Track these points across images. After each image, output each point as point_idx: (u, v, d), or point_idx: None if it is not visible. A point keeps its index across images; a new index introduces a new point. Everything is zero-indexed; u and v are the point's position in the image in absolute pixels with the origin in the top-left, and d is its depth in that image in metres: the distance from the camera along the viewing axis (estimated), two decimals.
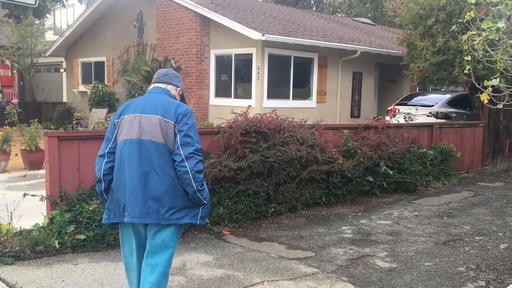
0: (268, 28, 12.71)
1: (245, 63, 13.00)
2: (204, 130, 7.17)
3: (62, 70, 20.26)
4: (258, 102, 12.36)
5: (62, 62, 19.99)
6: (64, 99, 20.25)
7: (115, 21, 16.16)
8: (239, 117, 7.09)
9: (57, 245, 5.17)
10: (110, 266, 4.95)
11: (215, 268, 5.01)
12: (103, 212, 3.54)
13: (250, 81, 12.67)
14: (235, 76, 13.18)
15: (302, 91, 13.93)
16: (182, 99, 3.52)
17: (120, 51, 16.00)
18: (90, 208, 5.38)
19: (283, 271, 4.99)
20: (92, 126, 13.87)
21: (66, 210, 5.38)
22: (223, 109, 11.96)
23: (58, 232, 5.23)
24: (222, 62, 13.52)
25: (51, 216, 5.30)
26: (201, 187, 3.21)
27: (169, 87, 3.46)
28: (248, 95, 12.70)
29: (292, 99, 13.39)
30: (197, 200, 3.24)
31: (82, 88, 17.60)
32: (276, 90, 12.90)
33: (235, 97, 13.11)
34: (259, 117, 7.14)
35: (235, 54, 13.01)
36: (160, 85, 3.45)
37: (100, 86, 15.66)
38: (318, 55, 13.75)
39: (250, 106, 7.73)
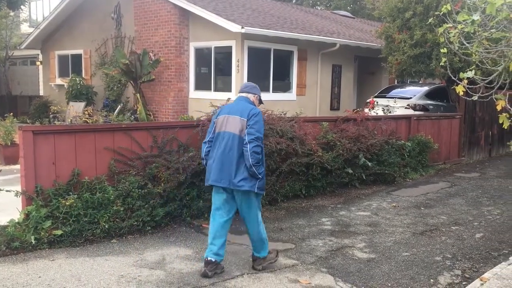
0: (247, 21, 12.66)
1: (224, 56, 12.93)
2: (183, 124, 7.12)
3: (38, 63, 19.84)
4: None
5: (38, 54, 19.58)
6: (41, 93, 19.87)
7: (92, 13, 15.88)
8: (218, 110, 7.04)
9: (33, 241, 5.09)
10: (88, 261, 4.89)
11: (195, 262, 5.00)
12: (80, 207, 4.94)
13: (230, 74, 12.61)
14: (214, 69, 13.10)
15: (282, 83, 13.94)
16: (259, 102, 4.94)
17: (98, 44, 15.75)
18: (67, 203, 5.30)
19: None
20: (69, 120, 13.65)
21: (42, 206, 5.29)
22: (203, 102, 11.88)
23: (34, 227, 5.15)
24: (202, 55, 13.42)
25: (26, 212, 5.21)
26: (255, 163, 4.38)
27: (249, 95, 4.84)
28: (228, 88, 12.65)
29: (272, 92, 13.37)
30: (253, 173, 4.41)
31: (59, 81, 17.29)
32: (256, 82, 12.51)
33: (215, 90, 13.04)
34: None
35: (214, 47, 12.93)
36: (243, 94, 4.85)
37: (77, 79, 15.39)
38: (298, 48, 13.76)
39: (229, 99, 7.70)
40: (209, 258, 4.56)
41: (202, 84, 13.39)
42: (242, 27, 11.49)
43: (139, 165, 6.22)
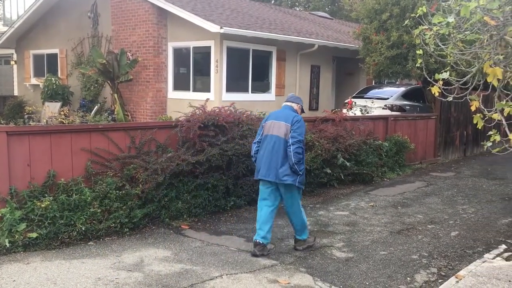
0: (226, 21, 12.63)
1: (203, 56, 12.88)
2: (161, 124, 7.07)
3: (12, 62, 19.41)
4: (217, 95, 12.29)
5: (12, 54, 19.16)
6: (15, 93, 19.43)
7: (68, 12, 15.62)
8: (197, 110, 7.03)
9: (7, 244, 4.98)
10: (64, 264, 4.81)
11: (174, 263, 4.96)
12: (56, 209, 5.19)
13: (208, 74, 12.57)
14: (193, 69, 13.04)
15: (261, 84, 13.95)
16: (302, 111, 5.73)
17: (74, 43, 15.51)
18: (42, 205, 5.21)
19: (242, 264, 5.01)
20: (45, 121, 13.40)
21: (17, 208, 5.19)
22: (182, 102, 11.81)
23: (8, 230, 5.04)
24: (180, 55, 13.34)
25: (0, 214, 5.09)
26: (296, 161, 5.14)
27: (293, 104, 5.64)
28: (207, 88, 12.60)
29: (251, 92, 13.38)
30: (295, 170, 5.16)
31: (34, 81, 16.96)
32: (235, 83, 12.86)
33: (194, 90, 12.98)
34: (217, 110, 7.11)
35: (193, 47, 12.86)
36: (288, 103, 5.65)
37: (53, 79, 15.12)
38: (277, 49, 13.79)
39: (208, 99, 7.66)
40: (258, 240, 5.29)
41: (180, 84, 13.32)
42: (221, 27, 11.47)
43: (117, 166, 6.15)
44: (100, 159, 6.05)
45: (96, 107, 13.99)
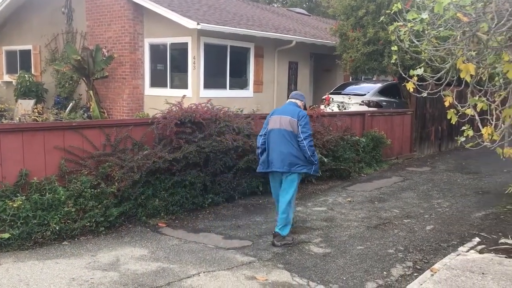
0: (203, 17, 12.55)
1: (180, 52, 12.77)
2: (137, 121, 6.98)
3: None
4: (194, 92, 12.20)
5: None
6: None
7: (41, 7, 15.29)
8: (173, 107, 6.96)
9: None
10: (38, 265, 4.71)
11: (150, 262, 4.91)
12: (28, 209, 5.12)
13: (186, 71, 12.47)
14: (170, 65, 12.92)
15: (239, 80, 13.92)
16: (304, 107, 6.04)
17: (48, 39, 15.19)
18: (15, 205, 5.09)
19: (220, 261, 4.98)
20: (17, 118, 13.09)
21: None
22: (159, 99, 11.65)
23: None
24: (157, 51, 13.20)
25: None
26: (312, 154, 5.58)
27: (297, 101, 5.95)
28: (184, 85, 12.50)
29: (229, 89, 13.34)
30: (310, 161, 5.62)
31: (6, 78, 16.57)
32: (213, 79, 12.80)
33: (171, 87, 12.86)
34: (194, 107, 7.06)
35: (170, 43, 12.74)
36: (292, 100, 5.97)
37: (26, 76, 14.79)
38: (255, 45, 13.77)
39: (185, 96, 7.60)
40: (276, 232, 5.57)
41: (158, 81, 13.18)
42: (198, 24, 11.39)
43: (92, 164, 6.05)
44: (74, 157, 5.93)
45: (71, 104, 13.74)
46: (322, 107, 11.23)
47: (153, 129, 6.65)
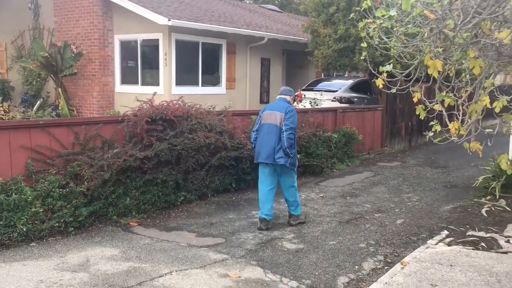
0: (174, 13, 12.42)
1: (152, 49, 12.62)
2: (107, 119, 6.86)
3: None
4: (166, 89, 12.08)
5: None
6: None
7: (7, 3, 14.84)
8: (144, 104, 6.87)
9: None
10: (4, 267, 4.58)
11: (121, 262, 4.84)
12: None
13: (157, 68, 12.33)
14: (142, 62, 12.74)
15: (212, 77, 13.84)
16: (294, 100, 6.75)
17: (14, 36, 14.77)
18: None
19: (192, 260, 4.95)
20: None
21: None
22: (130, 96, 11.44)
23: None
24: (128, 48, 12.99)
25: None
26: (288, 146, 5.86)
27: (286, 96, 6.34)
28: (156, 82, 12.36)
29: (202, 86, 13.25)
30: (286, 153, 5.88)
31: None
32: (185, 76, 12.69)
33: (143, 84, 12.70)
34: (165, 104, 6.98)
35: (141, 40, 12.57)
36: (282, 96, 6.35)
37: None
38: (227, 41, 13.71)
39: (155, 93, 7.50)
40: (262, 217, 6.07)
41: (128, 78, 12.99)
42: (169, 20, 11.27)
43: (60, 163, 5.91)
44: (41, 157, 5.79)
45: (39, 102, 13.41)
46: (294, 103, 11.26)
47: (123, 127, 6.55)
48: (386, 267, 4.87)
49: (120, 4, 12.14)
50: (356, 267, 4.89)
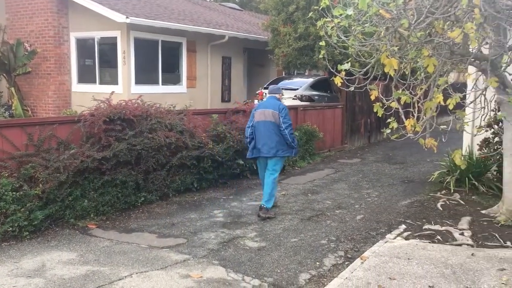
0: (133, 11, 12.19)
1: (110, 47, 12.34)
2: (62, 119, 6.65)
3: None
4: (125, 88, 11.85)
5: None
6: None
7: None
8: (102, 104, 6.71)
9: None
10: None
11: (79, 266, 4.71)
12: None
13: (116, 66, 12.07)
14: (99, 60, 12.45)
15: (172, 76, 13.68)
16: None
17: None
18: None
19: (153, 261, 4.87)
20: None
21: None
22: (88, 96, 11.16)
23: None
24: (85, 46, 12.66)
25: None
26: (292, 140, 6.63)
27: (276, 95, 6.94)
28: (114, 81, 12.10)
29: (162, 85, 13.08)
30: (291, 146, 6.67)
31: None
32: (144, 75, 12.48)
33: (101, 83, 12.41)
34: (123, 103, 6.85)
35: (98, 38, 12.26)
36: (271, 94, 6.94)
37: None
38: (187, 40, 13.59)
39: (113, 92, 7.34)
40: (262, 205, 6.50)
41: (86, 76, 12.66)
42: (127, 17, 11.06)
43: (13, 165, 5.69)
44: None
45: None
46: (256, 102, 11.29)
47: (80, 127, 6.37)
48: (346, 263, 4.94)
49: (76, 1, 11.81)
50: (318, 263, 4.94)
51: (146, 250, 5.21)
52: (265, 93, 12.10)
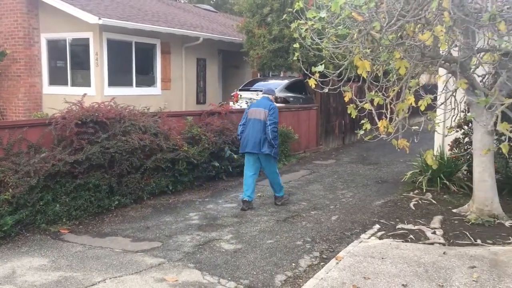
0: (105, 12, 12.02)
1: (82, 48, 12.13)
2: (33, 122, 6.52)
3: None
4: (98, 90, 11.66)
5: None
6: None
7: None
8: (73, 106, 6.59)
9: None
10: None
11: (51, 272, 4.61)
12: None
13: (88, 68, 11.87)
14: (71, 62, 12.22)
15: (146, 78, 13.54)
16: (275, 99, 7.90)
17: None
18: None
19: (127, 266, 4.81)
20: None
21: None
22: (59, 98, 10.88)
23: None
24: (56, 47, 12.41)
25: None
26: (273, 137, 6.89)
27: (269, 96, 7.33)
28: (87, 83, 11.90)
29: (136, 87, 12.92)
30: (271, 144, 6.90)
31: None
32: (118, 77, 12.31)
33: (73, 85, 12.18)
34: (96, 106, 6.75)
35: (70, 39, 12.05)
36: (265, 95, 7.35)
37: None
38: (161, 41, 13.47)
39: (85, 94, 7.22)
40: (245, 199, 6.98)
41: (57, 78, 12.41)
42: (99, 18, 10.89)
43: None
44: None
45: None
46: (231, 103, 11.29)
47: (51, 130, 6.25)
48: (322, 263, 4.98)
49: (46, 2, 11.58)
50: (293, 264, 4.96)
51: (120, 254, 5.14)
52: (240, 95, 12.15)
